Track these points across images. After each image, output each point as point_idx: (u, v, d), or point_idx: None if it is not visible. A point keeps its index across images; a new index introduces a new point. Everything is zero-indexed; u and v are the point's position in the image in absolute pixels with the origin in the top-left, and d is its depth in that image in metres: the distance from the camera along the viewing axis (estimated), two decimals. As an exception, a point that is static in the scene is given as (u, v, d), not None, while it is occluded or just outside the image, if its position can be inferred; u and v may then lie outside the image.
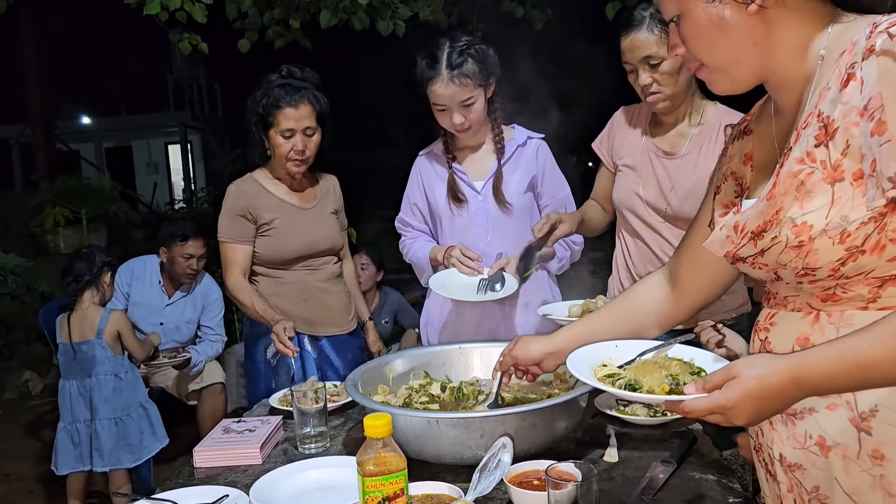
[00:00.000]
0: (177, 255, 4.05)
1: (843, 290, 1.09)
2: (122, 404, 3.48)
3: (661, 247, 2.34)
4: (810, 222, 1.06)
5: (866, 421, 1.07)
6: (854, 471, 1.09)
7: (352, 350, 2.92)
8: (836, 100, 1.05)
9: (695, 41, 1.16)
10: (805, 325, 1.14)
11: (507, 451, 1.48)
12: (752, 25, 1.11)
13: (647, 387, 1.26)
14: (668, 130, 2.35)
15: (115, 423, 3.45)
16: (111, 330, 3.49)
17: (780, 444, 1.20)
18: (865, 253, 1.04)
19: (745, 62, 1.15)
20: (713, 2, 1.12)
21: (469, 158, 2.62)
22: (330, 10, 4.59)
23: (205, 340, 4.22)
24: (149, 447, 3.55)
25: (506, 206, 2.54)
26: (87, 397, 3.44)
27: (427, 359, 2.14)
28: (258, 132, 2.70)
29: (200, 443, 1.92)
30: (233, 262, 2.69)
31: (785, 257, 1.11)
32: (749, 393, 1.03)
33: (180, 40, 4.69)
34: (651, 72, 2.19)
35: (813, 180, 1.07)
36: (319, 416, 1.92)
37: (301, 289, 2.78)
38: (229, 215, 2.71)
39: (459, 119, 2.43)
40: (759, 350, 1.23)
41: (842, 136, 1.04)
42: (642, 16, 2.16)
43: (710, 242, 1.25)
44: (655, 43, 2.15)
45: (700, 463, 1.64)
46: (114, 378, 3.48)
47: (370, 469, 1.24)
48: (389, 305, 5.03)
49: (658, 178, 2.32)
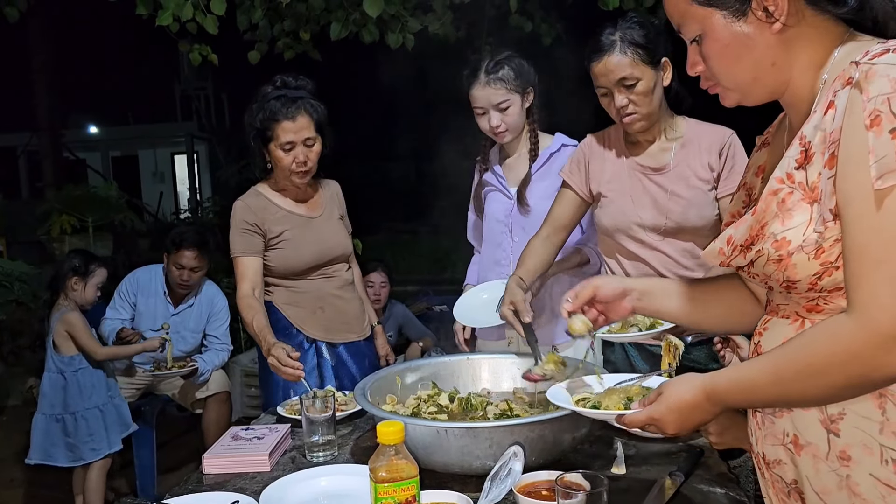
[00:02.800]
0: (170, 264, 4.07)
1: (825, 301, 1.13)
2: (64, 403, 3.58)
3: (663, 264, 2.33)
4: (789, 238, 1.11)
5: (835, 423, 1.11)
6: (823, 470, 1.13)
7: (368, 356, 2.92)
8: (818, 125, 1.09)
9: (717, 60, 1.19)
10: (791, 331, 1.18)
11: (518, 459, 1.49)
12: (773, 45, 1.14)
13: (604, 406, 1.46)
14: (646, 147, 2.35)
15: (55, 420, 3.58)
16: (59, 330, 3.59)
17: (761, 441, 1.26)
18: (839, 269, 1.08)
19: (763, 81, 1.18)
20: (738, 21, 1.14)
21: (507, 164, 2.81)
22: (340, 22, 4.62)
23: (211, 349, 4.22)
24: (98, 450, 3.61)
25: (525, 208, 2.70)
26: (58, 394, 3.62)
27: (435, 369, 2.16)
28: (258, 146, 2.69)
29: (209, 450, 1.93)
30: (242, 276, 2.69)
31: (768, 269, 1.16)
32: (670, 406, 1.25)
33: (190, 51, 4.71)
34: (627, 93, 2.19)
35: (793, 199, 1.11)
36: (328, 424, 1.93)
37: (317, 297, 2.78)
38: (238, 231, 2.70)
39: (496, 121, 2.63)
40: (752, 352, 1.28)
41: (818, 161, 1.08)
42: (611, 40, 2.17)
43: (706, 253, 1.29)
44: (629, 65, 2.15)
45: (708, 476, 1.65)
46: (59, 376, 3.60)
47: (382, 475, 1.25)
48: (395, 318, 5.03)
49: (652, 196, 2.31)
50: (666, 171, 2.31)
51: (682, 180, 2.28)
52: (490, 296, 2.62)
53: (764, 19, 1.12)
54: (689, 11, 1.19)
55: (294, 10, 4.86)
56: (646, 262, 2.35)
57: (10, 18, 5.14)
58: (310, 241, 2.75)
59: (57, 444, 3.58)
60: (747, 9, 1.13)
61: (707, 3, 1.15)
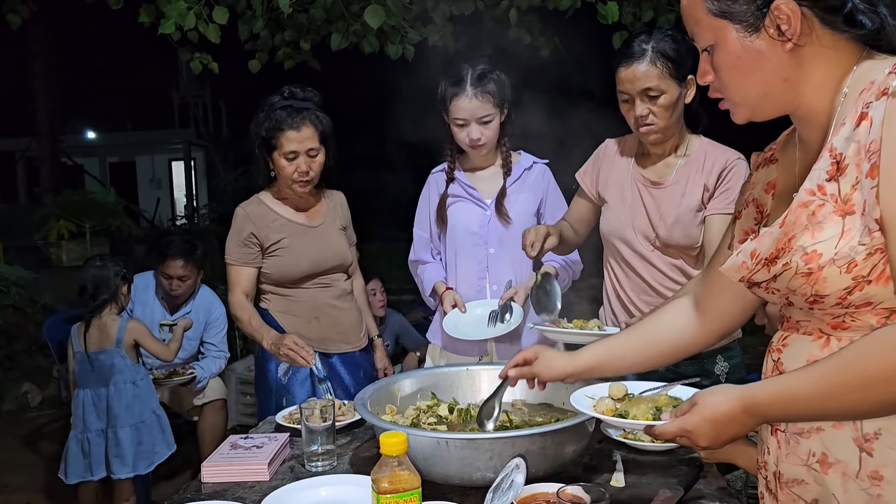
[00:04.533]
0: (160, 273, 4.08)
1: (851, 318, 1.12)
2: (139, 411, 3.50)
3: (653, 276, 2.36)
4: (820, 251, 1.09)
5: (869, 442, 1.11)
6: (852, 489, 1.13)
7: (363, 367, 2.93)
8: (850, 137, 1.08)
9: (728, 72, 1.19)
10: (816, 347, 1.17)
11: (521, 471, 1.49)
12: (785, 61, 1.14)
13: (632, 415, 1.43)
14: (655, 161, 2.37)
15: (135, 430, 3.47)
16: (129, 339, 3.52)
17: (781, 460, 1.24)
18: (871, 283, 1.07)
19: (773, 96, 1.18)
20: (750, 36, 1.14)
21: (478, 176, 2.79)
22: (341, 33, 4.64)
23: (208, 357, 4.22)
24: (161, 453, 3.56)
25: (507, 220, 2.70)
26: (103, 406, 3.45)
27: (435, 380, 2.16)
28: (262, 155, 2.72)
29: (209, 458, 1.93)
30: (235, 284, 2.73)
31: (795, 283, 1.14)
32: (705, 417, 1.18)
33: (191, 59, 4.73)
34: (649, 103, 2.21)
35: (824, 212, 1.10)
36: (327, 434, 1.93)
37: (312, 306, 2.79)
38: (236, 239, 2.73)
39: (477, 134, 2.62)
40: (772, 370, 1.26)
41: (852, 172, 1.07)
42: (643, 48, 2.19)
43: (726, 268, 1.26)
44: (657, 76, 2.17)
45: (707, 490, 1.65)
46: (132, 386, 3.50)
47: (385, 486, 1.26)
48: (391, 328, 5.03)
49: (646, 208, 2.34)
50: (664, 186, 2.33)
51: (674, 198, 2.31)
52: (483, 311, 2.66)
53: (776, 37, 1.12)
54: (703, 20, 1.18)
55: (295, 21, 4.87)
56: (638, 272, 2.38)
57: (13, 25, 5.15)
58: (307, 250, 2.76)
59: (137, 453, 3.46)
60: (760, 25, 1.13)
61: (721, 14, 1.16)
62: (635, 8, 4.82)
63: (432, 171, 2.89)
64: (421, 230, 2.89)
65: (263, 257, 2.75)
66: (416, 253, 2.91)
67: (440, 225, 2.81)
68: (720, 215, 2.24)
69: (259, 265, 2.75)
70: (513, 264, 2.71)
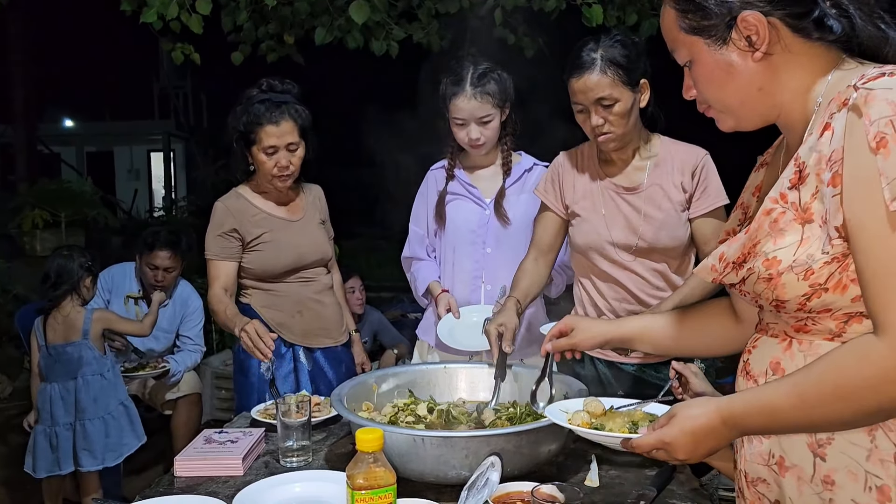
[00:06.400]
0: (143, 264, 4.03)
1: (813, 322, 1.15)
2: (107, 403, 3.46)
3: (636, 284, 2.34)
4: (780, 257, 1.12)
5: (822, 447, 1.13)
6: (807, 492, 1.15)
7: (345, 362, 2.92)
8: (813, 147, 1.11)
9: (705, 85, 1.23)
10: (779, 350, 1.20)
11: (496, 469, 1.49)
12: (757, 71, 1.16)
13: (608, 429, 1.46)
14: (621, 167, 2.34)
15: (103, 422, 3.43)
16: (96, 329, 3.47)
17: (745, 460, 1.27)
18: (828, 291, 1.10)
19: (750, 105, 1.20)
20: (721, 49, 1.17)
21: (478, 175, 2.79)
22: (325, 27, 4.63)
23: (184, 350, 4.18)
24: (129, 444, 3.51)
25: (505, 221, 2.69)
26: (71, 399, 3.40)
27: (412, 377, 2.15)
28: (240, 149, 2.69)
29: (182, 452, 1.92)
30: (215, 279, 2.70)
31: (758, 288, 1.17)
32: (684, 430, 1.19)
33: (173, 49, 4.69)
34: (604, 112, 2.17)
35: (785, 219, 1.13)
36: (303, 429, 1.92)
37: (295, 301, 2.77)
38: (215, 233, 2.70)
39: (476, 134, 2.61)
40: (741, 370, 1.29)
41: (812, 181, 1.10)
42: (592, 58, 2.14)
43: (698, 269, 1.30)
44: (609, 85, 2.14)
45: (680, 491, 1.67)
46: (100, 378, 3.46)
47: (360, 483, 1.25)
48: (370, 324, 5.01)
49: (625, 216, 2.31)
50: (639, 191, 2.31)
51: (654, 200, 2.29)
52: (479, 318, 2.57)
53: (746, 48, 1.15)
54: (679, 38, 1.23)
55: (279, 14, 4.85)
56: (619, 282, 2.35)
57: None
58: (288, 245, 2.74)
59: (105, 445, 3.42)
60: (728, 38, 1.16)
61: (692, 31, 1.19)
62: (620, 11, 4.85)
63: (431, 168, 2.87)
64: (417, 226, 2.88)
65: (244, 252, 2.73)
66: (412, 249, 2.89)
67: (438, 222, 2.79)
68: (706, 217, 2.27)
69: (239, 259, 2.72)
70: (508, 265, 2.61)
